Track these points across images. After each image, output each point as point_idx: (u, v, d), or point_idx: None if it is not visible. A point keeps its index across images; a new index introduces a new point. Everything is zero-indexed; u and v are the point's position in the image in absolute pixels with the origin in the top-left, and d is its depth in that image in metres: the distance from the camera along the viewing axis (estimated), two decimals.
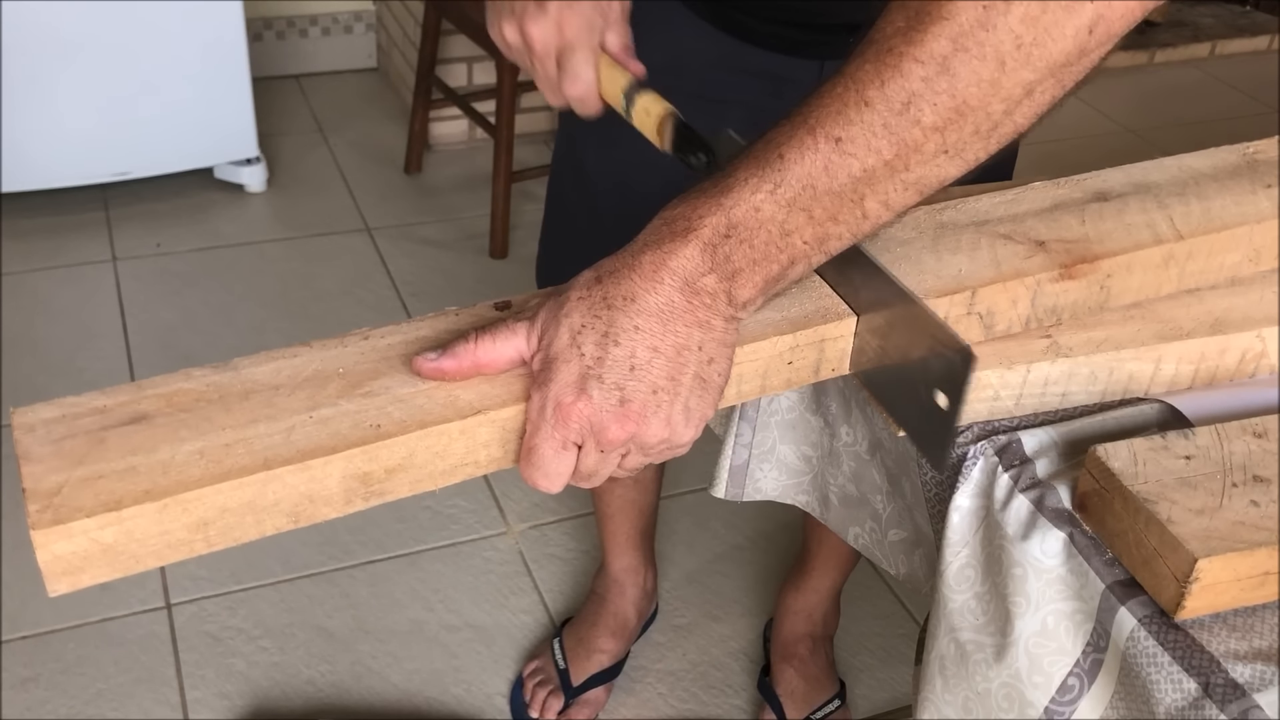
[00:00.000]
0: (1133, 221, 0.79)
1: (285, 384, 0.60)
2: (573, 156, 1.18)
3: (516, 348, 0.61)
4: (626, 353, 0.58)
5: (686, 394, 0.60)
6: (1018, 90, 0.56)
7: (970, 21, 0.55)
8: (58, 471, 0.54)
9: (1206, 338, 0.76)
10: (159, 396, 0.59)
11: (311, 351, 0.63)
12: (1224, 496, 0.65)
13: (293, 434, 0.57)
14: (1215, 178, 0.84)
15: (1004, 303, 0.73)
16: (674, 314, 0.59)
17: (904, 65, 0.56)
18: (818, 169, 0.57)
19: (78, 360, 2.08)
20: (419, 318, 0.66)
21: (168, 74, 2.38)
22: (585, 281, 0.60)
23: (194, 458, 0.55)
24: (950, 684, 0.77)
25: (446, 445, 0.60)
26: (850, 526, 0.94)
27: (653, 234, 0.60)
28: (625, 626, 1.57)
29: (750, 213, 0.58)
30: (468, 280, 2.36)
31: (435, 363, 0.61)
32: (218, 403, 0.59)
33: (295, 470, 0.56)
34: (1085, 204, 0.81)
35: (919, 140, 0.57)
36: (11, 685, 1.53)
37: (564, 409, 0.59)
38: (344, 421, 0.58)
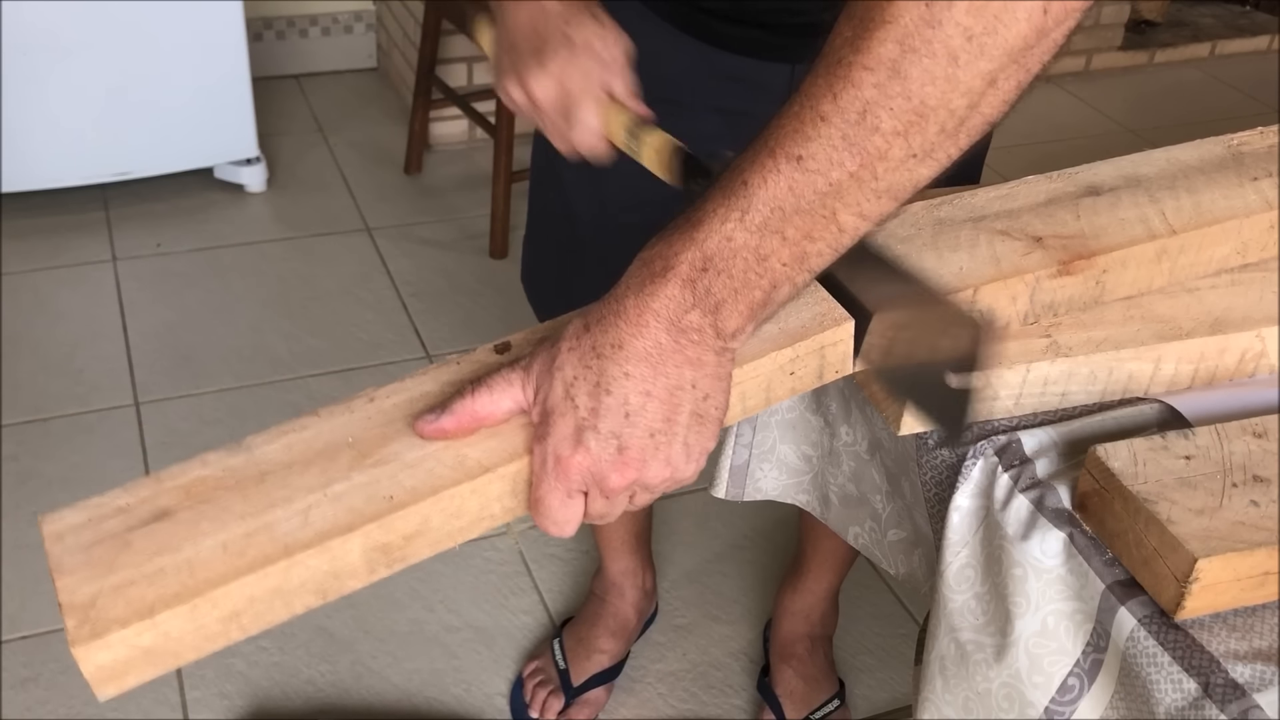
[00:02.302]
0: (1126, 216, 0.79)
1: (298, 461, 0.61)
2: (550, 168, 1.19)
3: (514, 399, 0.62)
4: (619, 400, 0.59)
5: (684, 432, 0.61)
6: (978, 82, 0.55)
7: (914, 21, 0.54)
8: (90, 582, 0.55)
9: (1206, 337, 0.76)
10: (178, 489, 0.60)
11: (320, 422, 0.63)
12: (1224, 496, 0.65)
13: (310, 515, 0.58)
14: (1203, 170, 0.84)
15: (1004, 300, 0.73)
16: (663, 356, 0.59)
17: (854, 74, 0.55)
18: (782, 190, 0.57)
19: (78, 360, 2.08)
20: (422, 371, 0.66)
21: (168, 74, 2.38)
22: (575, 331, 0.61)
23: (217, 552, 0.56)
24: (950, 684, 0.77)
25: (460, 505, 0.61)
26: (850, 526, 0.94)
27: (633, 276, 0.60)
28: (625, 627, 1.57)
29: (723, 243, 0.58)
30: (468, 280, 2.36)
31: (436, 424, 0.61)
32: (235, 489, 0.59)
33: (316, 553, 0.57)
34: (1079, 198, 0.81)
35: (882, 148, 0.56)
36: (11, 685, 1.53)
37: (563, 462, 0.60)
38: (358, 496, 0.59)
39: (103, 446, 1.90)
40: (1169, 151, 0.87)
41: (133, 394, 2.02)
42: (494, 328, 2.21)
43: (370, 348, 2.17)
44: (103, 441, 1.91)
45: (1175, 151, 0.87)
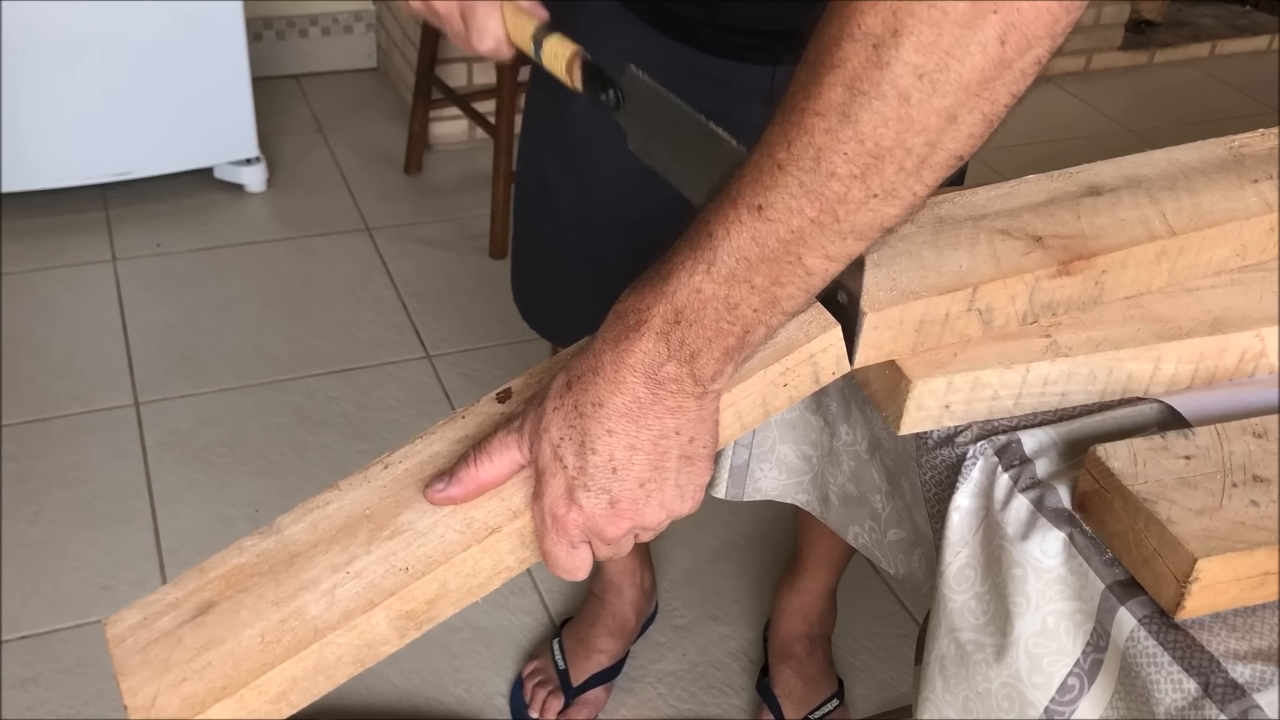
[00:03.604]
0: (1126, 217, 0.79)
1: (322, 540, 0.65)
2: (533, 165, 1.19)
3: (513, 460, 0.64)
4: (605, 458, 0.60)
5: (674, 475, 0.62)
6: (934, 120, 0.53)
7: (861, 63, 0.53)
8: (149, 683, 0.60)
9: (1206, 337, 0.76)
10: (219, 579, 0.64)
11: (340, 496, 0.67)
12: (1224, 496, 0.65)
13: (335, 595, 0.62)
14: (1204, 172, 0.84)
15: (1003, 299, 0.74)
16: (643, 409, 0.60)
17: (806, 121, 0.54)
18: (745, 240, 0.57)
19: (78, 360, 2.08)
20: (431, 430, 0.69)
21: (168, 74, 2.38)
22: (558, 389, 0.62)
23: (256, 642, 0.61)
24: (950, 684, 0.77)
25: (474, 566, 0.64)
26: (850, 526, 0.94)
27: (609, 330, 0.61)
28: (624, 627, 1.57)
29: (693, 295, 0.58)
30: (468, 280, 2.37)
31: (445, 493, 0.64)
32: (268, 575, 0.64)
33: (344, 632, 0.61)
34: (1079, 198, 0.81)
35: (841, 192, 0.55)
36: (11, 685, 1.53)
37: (560, 520, 0.62)
38: (377, 570, 0.63)
39: (103, 446, 1.90)
40: (1170, 152, 0.87)
41: (133, 394, 2.02)
42: (493, 328, 2.21)
43: (370, 348, 2.17)
44: (103, 441, 1.91)
45: (1176, 152, 0.87)
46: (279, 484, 1.85)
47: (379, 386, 2.08)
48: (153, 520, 1.78)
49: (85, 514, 1.77)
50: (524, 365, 2.37)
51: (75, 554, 1.71)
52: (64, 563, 1.69)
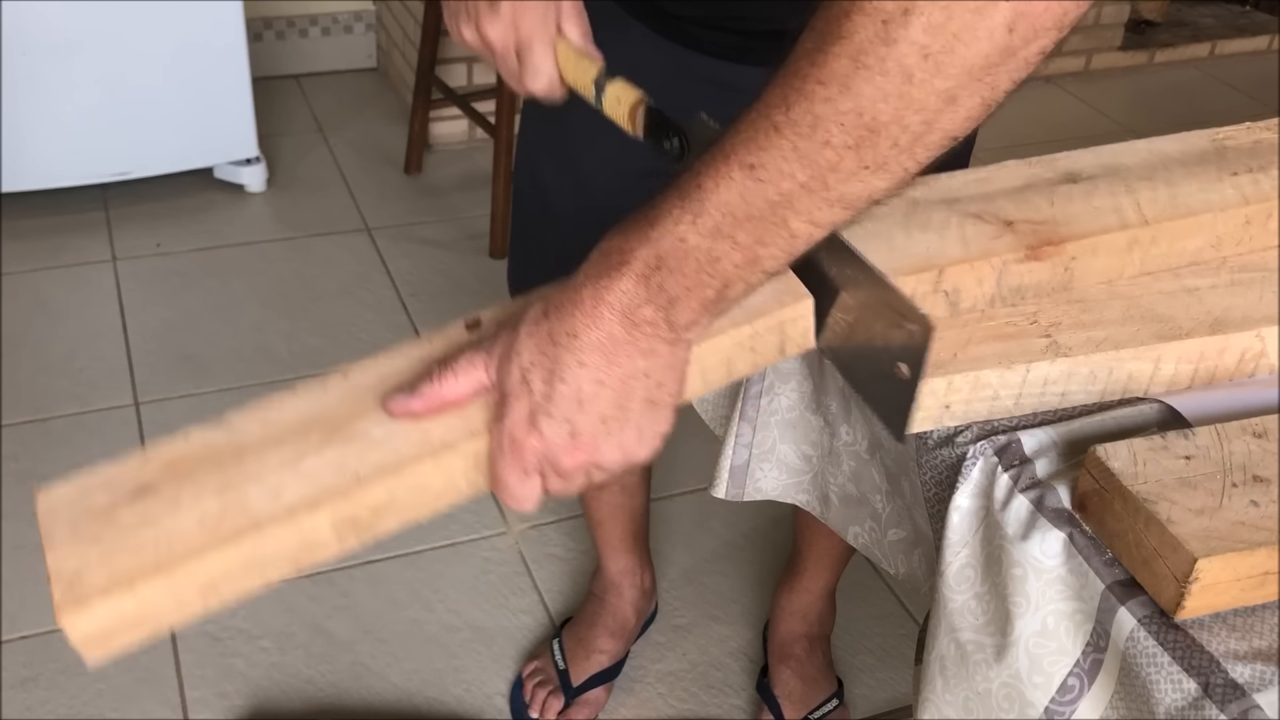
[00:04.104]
0: (1100, 205, 0.79)
1: (273, 437, 0.64)
2: (530, 167, 1.19)
3: (477, 379, 0.64)
4: (573, 389, 0.60)
5: (637, 418, 0.62)
6: (933, 100, 0.54)
7: (869, 38, 0.53)
8: (76, 554, 0.59)
9: (1206, 337, 0.76)
10: (162, 464, 0.63)
11: (296, 399, 0.67)
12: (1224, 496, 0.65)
13: (280, 491, 0.61)
14: (1184, 163, 0.84)
15: (970, 281, 0.74)
16: (616, 346, 0.60)
17: (807, 88, 0.55)
18: (734, 197, 0.57)
19: (78, 360, 2.08)
20: (395, 349, 0.69)
21: (168, 74, 2.38)
22: (534, 316, 0.62)
23: (193, 526, 0.59)
24: (950, 684, 0.77)
25: (424, 481, 0.63)
26: (850, 526, 0.94)
27: (592, 266, 0.61)
28: (624, 627, 1.57)
29: (676, 243, 0.58)
30: (468, 280, 2.36)
31: (405, 404, 0.64)
32: (213, 465, 0.63)
33: (286, 527, 0.60)
34: (1055, 185, 0.81)
35: (833, 160, 0.55)
36: (11, 685, 1.53)
37: (518, 444, 0.62)
38: (326, 472, 0.61)
39: (103, 446, 1.90)
40: (1153, 143, 0.87)
41: (133, 394, 2.02)
42: None
43: (370, 348, 2.14)
44: (103, 441, 1.91)
45: (1159, 143, 0.87)
46: None
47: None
48: None
49: None
50: None
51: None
52: None
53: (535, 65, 0.80)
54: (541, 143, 1.16)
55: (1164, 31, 3.57)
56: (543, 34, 0.80)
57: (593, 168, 1.10)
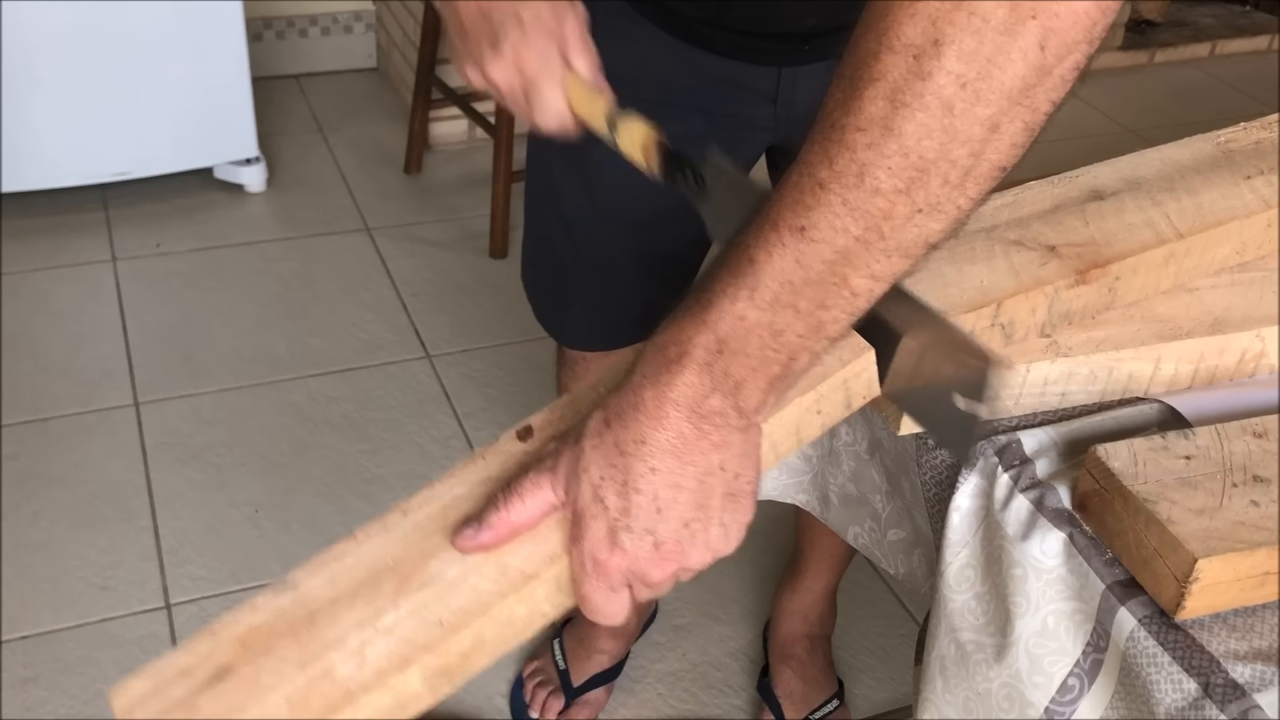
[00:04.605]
0: (1133, 221, 0.79)
1: (344, 594, 0.61)
2: (541, 167, 1.19)
3: (546, 501, 0.61)
4: (649, 497, 0.58)
5: (719, 514, 0.60)
6: (978, 130, 0.52)
7: (902, 75, 0.52)
8: None
9: (1206, 337, 0.76)
10: (234, 642, 0.60)
11: (359, 547, 0.63)
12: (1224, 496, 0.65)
13: (365, 654, 0.58)
14: (1198, 170, 0.84)
15: (1024, 312, 0.73)
16: (688, 445, 0.57)
17: (847, 137, 0.53)
18: (789, 264, 0.55)
19: (78, 360, 2.08)
20: (449, 474, 0.66)
21: (168, 74, 2.37)
22: (596, 428, 0.59)
23: (283, 708, 0.56)
24: (951, 684, 0.77)
25: (510, 615, 0.60)
26: (850, 526, 0.94)
27: (648, 364, 0.58)
28: (625, 627, 1.57)
29: (736, 323, 0.56)
30: (468, 280, 2.36)
31: (476, 540, 0.61)
32: (288, 635, 0.59)
33: (378, 693, 0.57)
34: (1084, 203, 0.81)
35: (886, 208, 0.54)
36: (11, 685, 1.53)
37: (601, 565, 0.59)
38: (409, 625, 0.59)
39: (103, 446, 1.90)
40: (1162, 151, 0.87)
41: (133, 394, 2.02)
42: (494, 328, 2.21)
43: (370, 348, 2.17)
44: (103, 441, 1.91)
45: (1168, 151, 0.87)
46: (279, 484, 1.85)
47: (379, 386, 2.08)
48: (152, 520, 1.78)
49: (85, 514, 1.77)
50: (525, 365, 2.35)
51: (75, 554, 1.71)
52: (64, 563, 1.69)
53: (544, 104, 0.79)
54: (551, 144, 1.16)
55: (1164, 31, 3.57)
56: (548, 72, 0.78)
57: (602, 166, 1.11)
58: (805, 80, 1.04)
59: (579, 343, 1.30)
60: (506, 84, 0.80)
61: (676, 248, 1.15)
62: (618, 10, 1.04)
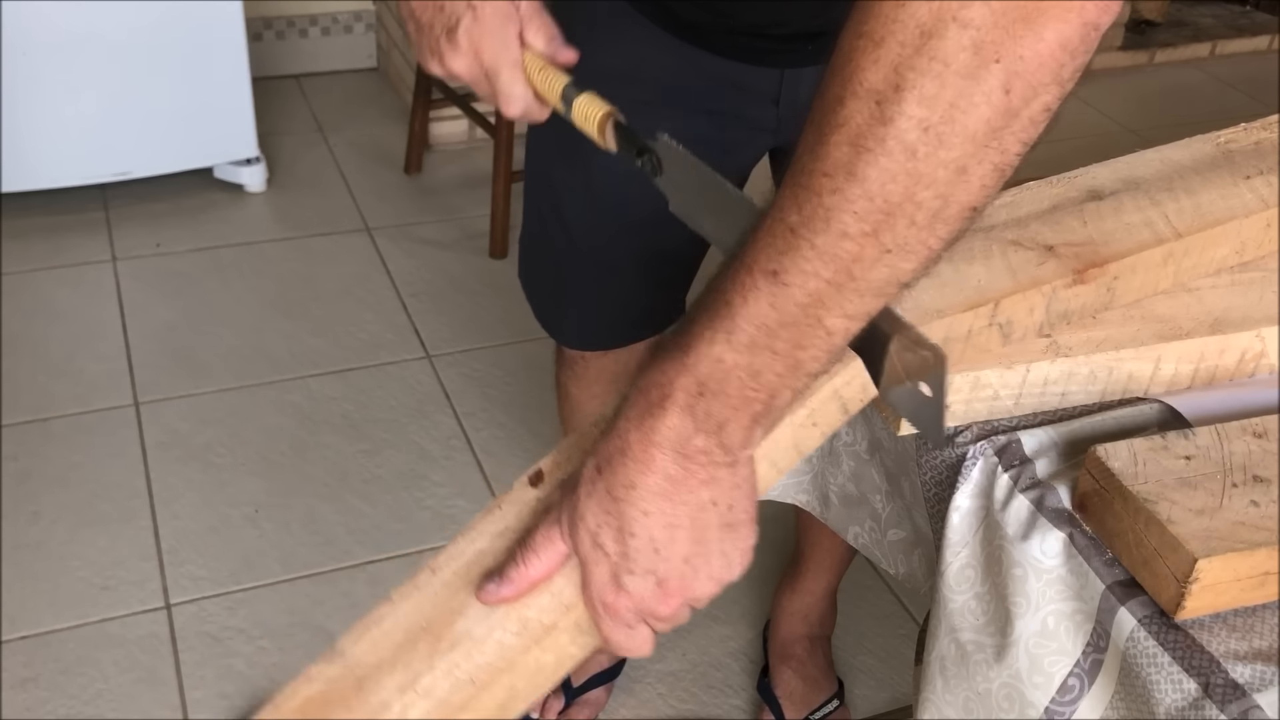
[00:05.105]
0: (1131, 220, 0.79)
1: (385, 659, 0.64)
2: (541, 165, 1.19)
3: (559, 551, 0.63)
4: (645, 540, 0.59)
5: (719, 545, 0.61)
6: (943, 172, 0.52)
7: (865, 120, 0.52)
8: None
9: (1206, 337, 0.76)
10: (294, 711, 0.64)
11: (394, 609, 0.66)
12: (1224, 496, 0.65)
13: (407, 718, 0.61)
14: (1197, 170, 0.84)
15: (1022, 311, 0.73)
16: (676, 486, 0.59)
17: (814, 183, 0.54)
18: (763, 307, 0.56)
19: (78, 360, 2.08)
20: (470, 528, 0.68)
21: (168, 74, 2.37)
22: (589, 475, 0.61)
23: None
24: (951, 684, 0.77)
25: (537, 664, 0.63)
26: (850, 526, 0.94)
27: (632, 408, 0.60)
28: None
29: (714, 365, 0.57)
30: (468, 280, 2.36)
31: (498, 594, 0.63)
32: (340, 704, 0.63)
33: None
34: (1082, 204, 0.81)
35: (854, 251, 0.54)
36: (11, 685, 1.53)
37: (610, 607, 0.61)
38: (443, 686, 0.62)
39: (103, 446, 1.90)
40: (1161, 152, 0.87)
41: (133, 394, 2.02)
42: (494, 328, 2.21)
43: (370, 348, 2.17)
44: (103, 441, 1.91)
45: (1167, 151, 0.87)
46: (279, 484, 1.85)
47: (379, 386, 2.08)
48: (152, 520, 1.78)
49: (85, 514, 1.77)
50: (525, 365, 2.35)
51: (75, 554, 1.71)
52: (64, 563, 1.69)
53: (506, 91, 0.79)
54: (551, 141, 1.16)
55: (1164, 31, 3.57)
56: (506, 56, 0.78)
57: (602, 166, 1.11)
58: (808, 81, 1.04)
59: (578, 342, 1.30)
60: (468, 73, 0.80)
61: (676, 247, 1.15)
62: (620, 10, 1.03)
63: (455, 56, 0.79)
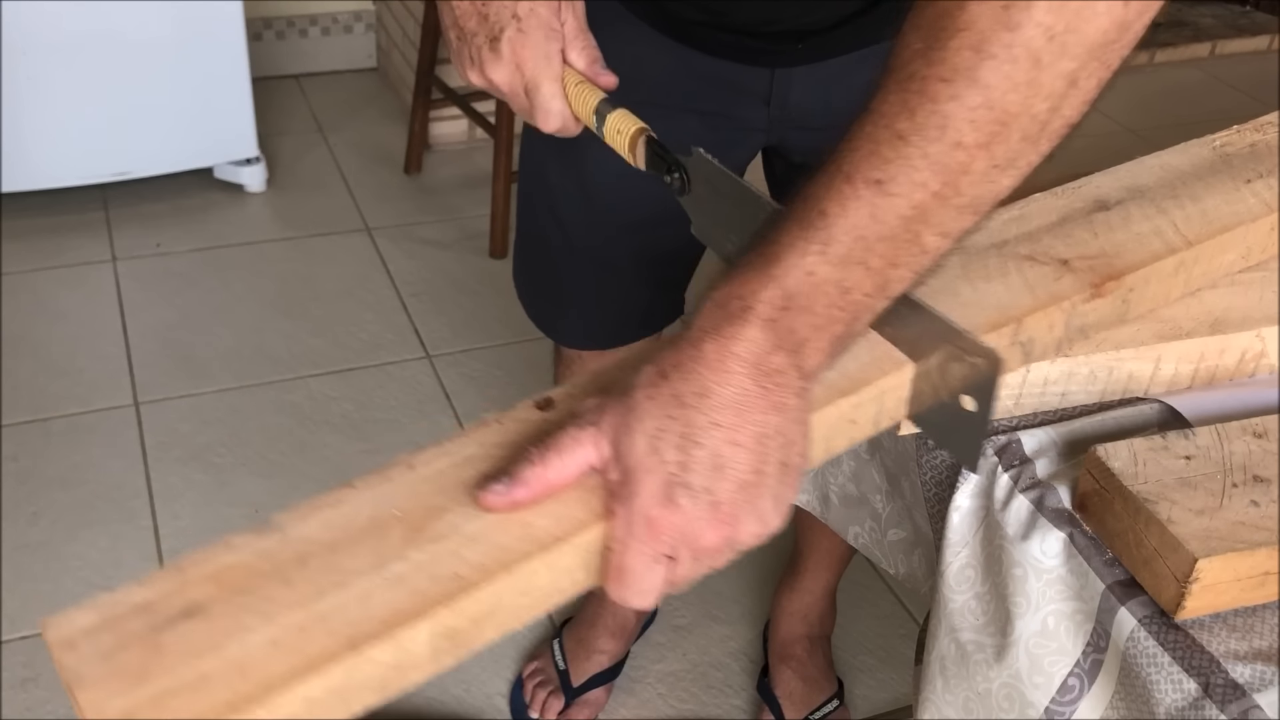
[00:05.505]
0: (1141, 230, 0.78)
1: (342, 540, 0.55)
2: (536, 167, 1.19)
3: (585, 459, 0.57)
4: (710, 452, 0.54)
5: (774, 483, 0.56)
6: (1060, 83, 0.52)
7: (990, 25, 0.51)
8: (120, 694, 0.48)
9: (1206, 337, 0.76)
10: (206, 579, 0.54)
11: (357, 495, 0.58)
12: (1224, 496, 0.65)
13: (370, 602, 0.52)
14: (1198, 176, 0.84)
15: (1043, 329, 0.72)
16: (749, 402, 0.54)
17: (930, 88, 0.52)
18: (864, 218, 0.53)
19: (78, 360, 2.08)
20: (460, 434, 0.61)
21: (168, 74, 2.38)
22: (651, 379, 0.56)
23: (269, 650, 0.50)
24: (951, 684, 0.77)
25: (531, 582, 0.56)
26: (850, 526, 0.94)
27: (708, 319, 0.56)
28: (624, 627, 1.57)
29: (804, 278, 0.54)
30: (468, 280, 2.36)
31: (508, 495, 0.56)
32: (274, 576, 0.53)
33: (383, 645, 0.51)
34: (1090, 214, 0.80)
35: (965, 162, 0.53)
36: (11, 685, 1.53)
37: (655, 523, 0.55)
38: (420, 576, 0.54)
39: (103, 446, 1.90)
40: (1160, 158, 0.87)
41: (133, 394, 2.02)
42: (493, 328, 2.21)
43: (370, 348, 2.17)
44: (103, 441, 1.91)
45: (1166, 157, 0.87)
46: (279, 484, 1.85)
47: (379, 386, 2.08)
48: (153, 520, 1.78)
49: (85, 514, 1.77)
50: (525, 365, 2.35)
51: (75, 554, 1.71)
52: (64, 563, 1.69)
53: (544, 106, 0.78)
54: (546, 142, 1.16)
55: (1164, 31, 3.57)
56: (548, 72, 0.77)
57: (597, 165, 1.11)
58: (799, 81, 1.04)
59: (575, 342, 1.30)
60: (508, 85, 0.79)
61: (674, 248, 1.15)
62: (613, 11, 1.04)
63: (497, 67, 0.78)
